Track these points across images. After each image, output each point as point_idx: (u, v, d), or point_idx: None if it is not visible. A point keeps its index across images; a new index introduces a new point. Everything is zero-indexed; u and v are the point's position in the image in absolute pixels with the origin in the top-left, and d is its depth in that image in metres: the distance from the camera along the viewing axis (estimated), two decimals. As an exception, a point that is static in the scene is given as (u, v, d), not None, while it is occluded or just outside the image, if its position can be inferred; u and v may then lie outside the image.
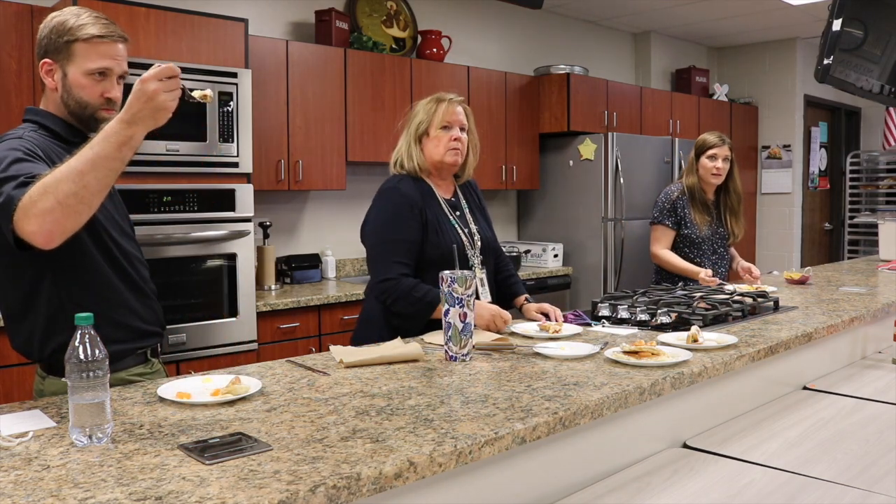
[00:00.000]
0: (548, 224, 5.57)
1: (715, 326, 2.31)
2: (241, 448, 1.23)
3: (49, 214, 1.42)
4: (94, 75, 1.71)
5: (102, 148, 1.44)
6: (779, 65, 7.13)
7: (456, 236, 2.40)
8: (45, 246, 1.46)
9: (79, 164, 1.43)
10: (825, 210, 7.95)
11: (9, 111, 3.10)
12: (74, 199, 1.42)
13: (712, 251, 3.49)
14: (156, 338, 1.90)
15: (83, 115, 1.74)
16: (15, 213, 1.44)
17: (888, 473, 1.67)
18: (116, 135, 1.45)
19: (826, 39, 3.06)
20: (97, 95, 1.72)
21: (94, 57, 1.71)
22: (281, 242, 4.35)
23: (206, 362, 3.34)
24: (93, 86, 1.72)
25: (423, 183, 2.43)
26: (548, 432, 1.42)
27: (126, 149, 1.46)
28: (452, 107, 2.40)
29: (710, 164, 3.43)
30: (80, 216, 1.46)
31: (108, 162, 1.45)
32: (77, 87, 1.72)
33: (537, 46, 5.89)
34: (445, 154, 2.39)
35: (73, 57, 1.70)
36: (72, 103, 1.73)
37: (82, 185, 1.43)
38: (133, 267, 1.82)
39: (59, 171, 1.44)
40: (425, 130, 2.41)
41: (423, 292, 2.25)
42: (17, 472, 1.15)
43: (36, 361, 1.78)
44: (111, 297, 1.75)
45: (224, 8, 3.93)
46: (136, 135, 1.46)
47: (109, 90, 1.73)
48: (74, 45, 1.70)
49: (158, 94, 1.44)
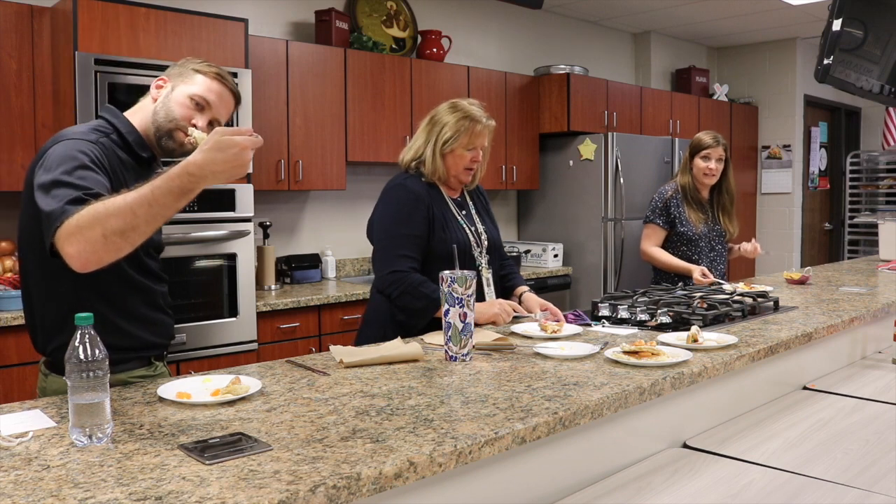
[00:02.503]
0: (548, 224, 5.56)
1: (715, 326, 2.31)
2: (241, 448, 1.23)
3: (91, 245, 1.42)
4: (195, 100, 1.78)
5: (162, 195, 1.42)
6: (779, 65, 7.14)
7: (462, 234, 2.41)
8: (79, 270, 1.46)
9: (134, 204, 1.41)
10: (825, 210, 7.95)
11: (9, 111, 3.10)
12: (120, 237, 1.42)
13: (709, 248, 3.50)
14: (161, 348, 1.92)
15: (164, 127, 1.78)
16: (60, 228, 1.45)
17: (888, 473, 1.67)
18: (182, 187, 1.42)
19: (826, 39, 3.06)
20: (187, 118, 1.78)
21: (204, 88, 1.80)
22: (281, 242, 4.35)
23: (206, 362, 3.35)
24: (189, 108, 1.79)
25: (430, 184, 2.44)
26: (548, 432, 1.42)
27: (184, 200, 1.45)
28: (486, 132, 2.41)
29: (703, 164, 3.44)
30: (120, 252, 1.46)
31: (163, 209, 1.43)
32: (175, 102, 1.79)
33: (537, 46, 5.89)
34: (462, 173, 2.42)
35: (189, 81, 1.80)
36: (161, 113, 1.79)
37: (132, 226, 1.42)
38: (150, 281, 1.83)
39: (114, 204, 1.42)
40: (451, 148, 2.38)
41: (431, 289, 2.25)
42: (17, 472, 1.15)
43: (40, 353, 1.80)
44: (124, 307, 1.76)
45: (224, 8, 3.93)
46: (198, 189, 1.44)
47: (198, 119, 1.79)
48: (197, 75, 1.81)
49: (247, 149, 1.43)
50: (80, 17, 3.05)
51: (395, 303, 2.32)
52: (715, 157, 3.43)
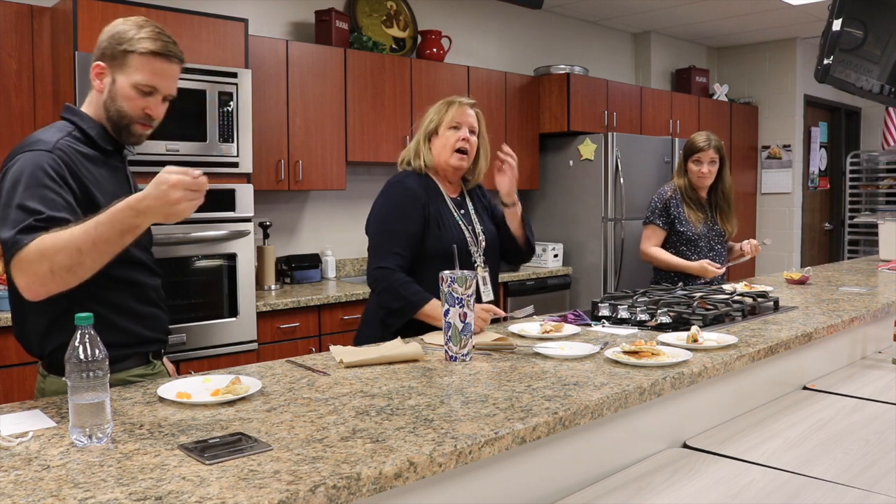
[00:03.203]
0: (548, 224, 5.56)
1: (715, 326, 2.31)
2: (241, 448, 1.23)
3: (39, 278, 1.48)
4: (140, 90, 1.72)
5: (106, 230, 1.46)
6: (779, 65, 7.13)
7: (459, 233, 2.41)
8: (30, 299, 1.53)
9: (80, 241, 1.46)
10: (825, 210, 7.95)
11: (9, 111, 3.10)
12: (67, 272, 1.48)
13: (709, 248, 3.51)
14: (158, 344, 1.90)
15: (120, 124, 1.75)
16: (12, 260, 1.50)
17: (888, 473, 1.67)
18: (122, 221, 1.46)
19: (826, 39, 3.06)
20: (138, 109, 1.74)
21: (146, 72, 1.72)
22: (281, 242, 4.35)
23: (206, 362, 3.35)
24: (137, 99, 1.73)
25: (429, 180, 2.45)
26: (548, 432, 1.42)
27: (129, 236, 1.50)
28: (463, 108, 2.43)
29: (695, 168, 3.46)
30: (68, 285, 1.50)
31: (109, 246, 1.49)
32: (122, 98, 1.73)
33: (537, 46, 5.89)
34: (451, 157, 2.41)
35: (125, 67, 1.72)
36: (112, 111, 1.74)
37: (78, 261, 1.47)
38: (141, 274, 1.82)
39: (62, 240, 1.46)
40: (434, 129, 2.44)
41: (410, 291, 2.27)
42: (17, 472, 1.15)
43: (36, 357, 1.78)
44: (114, 302, 1.75)
45: (224, 8, 3.93)
46: (143, 225, 1.49)
47: (152, 108, 1.75)
48: (130, 56, 1.71)
49: (181, 202, 1.45)
50: (80, 17, 3.05)
51: (379, 298, 2.34)
52: (706, 161, 3.43)
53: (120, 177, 1.82)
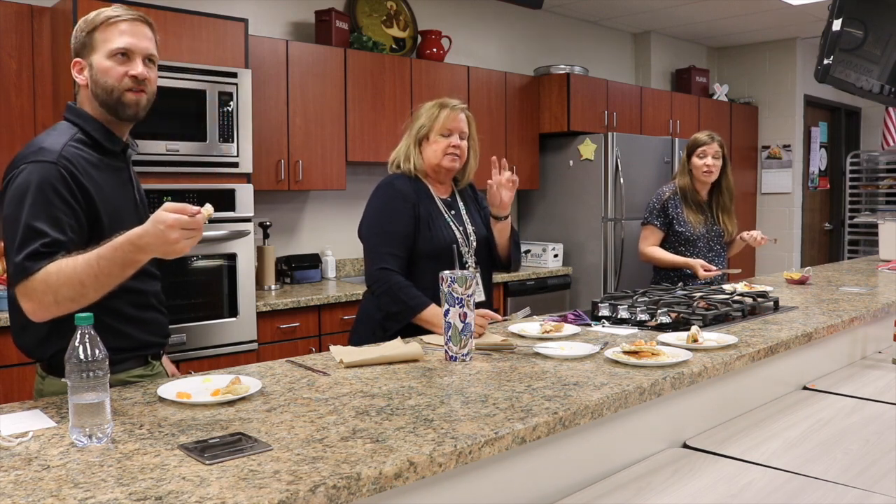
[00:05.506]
0: (548, 224, 5.56)
1: (715, 326, 2.31)
2: (241, 448, 1.23)
3: (45, 306, 1.54)
4: (115, 57, 1.69)
5: (108, 265, 1.50)
6: (779, 65, 7.13)
7: (450, 233, 2.41)
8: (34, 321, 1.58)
9: (82, 275, 1.50)
10: (825, 210, 7.95)
11: (9, 111, 3.10)
12: (71, 302, 1.52)
13: (708, 248, 3.51)
14: (156, 347, 1.89)
15: (111, 101, 1.70)
16: (18, 286, 1.54)
17: (888, 473, 1.67)
18: (123, 257, 1.49)
19: (826, 39, 3.06)
20: (120, 76, 1.69)
21: (112, 37, 1.69)
22: (281, 242, 4.35)
23: (206, 362, 3.35)
24: (115, 67, 1.69)
25: (419, 182, 2.45)
26: (548, 432, 1.42)
27: (130, 269, 1.53)
28: (455, 114, 2.42)
29: (700, 161, 3.45)
30: (72, 310, 1.51)
31: (110, 279, 1.52)
32: (101, 73, 1.69)
33: (537, 46, 5.89)
34: (443, 158, 2.41)
35: (95, 46, 1.70)
36: (99, 92, 1.70)
37: (81, 293, 1.51)
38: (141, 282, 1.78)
39: (65, 273, 1.50)
40: (426, 135, 2.43)
41: (409, 296, 2.27)
42: (17, 472, 1.15)
43: (37, 361, 1.78)
44: (115, 308, 1.73)
45: (224, 8, 3.93)
46: (143, 260, 1.52)
47: (133, 68, 1.70)
48: (95, 34, 1.70)
49: (179, 241, 1.46)
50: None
51: (378, 300, 2.33)
52: (711, 154, 3.43)
53: (123, 179, 1.81)
